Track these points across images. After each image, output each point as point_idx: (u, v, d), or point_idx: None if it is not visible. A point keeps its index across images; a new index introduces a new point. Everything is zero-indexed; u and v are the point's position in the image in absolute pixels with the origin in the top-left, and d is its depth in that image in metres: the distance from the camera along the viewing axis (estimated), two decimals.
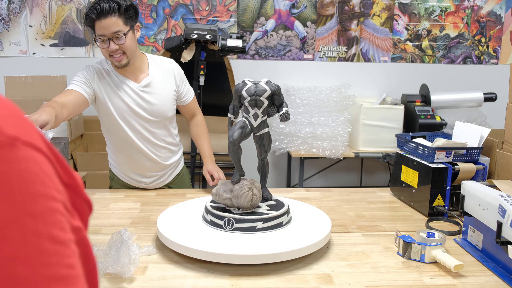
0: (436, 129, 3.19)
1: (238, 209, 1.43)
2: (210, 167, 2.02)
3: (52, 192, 0.40)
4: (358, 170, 4.07)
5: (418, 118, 3.30)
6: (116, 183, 2.10)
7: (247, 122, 1.47)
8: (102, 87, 1.85)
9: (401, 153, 1.92)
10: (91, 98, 1.83)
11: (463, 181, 1.49)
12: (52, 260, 0.38)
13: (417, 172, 1.78)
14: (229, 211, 1.42)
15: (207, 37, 2.84)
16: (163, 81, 1.94)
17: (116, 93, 1.86)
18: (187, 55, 2.86)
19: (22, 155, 0.38)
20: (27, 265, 0.36)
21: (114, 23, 1.72)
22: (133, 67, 1.87)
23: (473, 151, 1.78)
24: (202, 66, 2.84)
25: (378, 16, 3.86)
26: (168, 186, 2.11)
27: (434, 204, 1.71)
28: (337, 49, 3.87)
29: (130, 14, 1.77)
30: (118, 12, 1.72)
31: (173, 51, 3.08)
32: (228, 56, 3.31)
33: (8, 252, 0.36)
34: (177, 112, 2.06)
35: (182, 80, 2.01)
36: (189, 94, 2.06)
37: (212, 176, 2.00)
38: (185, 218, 1.49)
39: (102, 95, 1.85)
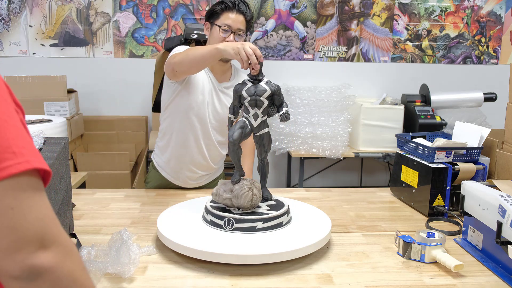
0: (436, 129, 3.19)
1: (238, 209, 1.43)
2: None
3: (2, 85, 0.65)
4: (358, 170, 4.07)
5: (418, 118, 3.30)
6: (152, 179, 2.09)
7: (247, 122, 1.47)
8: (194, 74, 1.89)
9: (401, 153, 1.92)
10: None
11: (463, 181, 1.49)
12: (3, 107, 0.62)
13: (417, 172, 1.78)
14: (229, 211, 1.42)
15: (207, 37, 2.83)
16: None
17: (200, 82, 1.91)
18: None
19: None
20: (6, 120, 0.62)
21: (242, 21, 1.87)
22: (224, 68, 1.96)
23: (473, 151, 1.78)
24: None
25: (378, 16, 3.86)
26: (204, 187, 2.12)
27: (434, 204, 1.71)
28: (337, 49, 3.87)
29: (250, 24, 1.93)
30: (246, 16, 1.88)
31: None
32: None
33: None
34: None
35: None
36: None
37: None
38: (185, 218, 1.49)
39: (191, 79, 1.89)
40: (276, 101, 1.47)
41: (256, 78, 1.46)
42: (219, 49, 1.60)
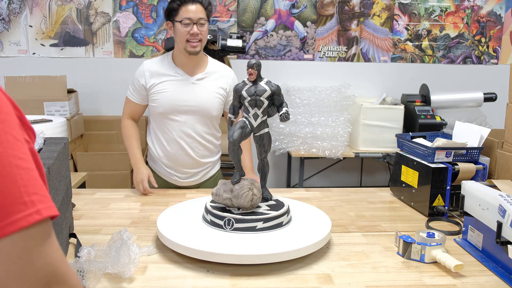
0: (436, 129, 3.19)
1: (238, 209, 1.43)
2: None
3: (11, 111, 0.62)
4: (358, 170, 4.07)
5: (418, 118, 3.30)
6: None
7: (247, 122, 1.47)
8: (158, 80, 2.00)
9: (401, 153, 1.92)
10: (145, 100, 2.05)
11: (463, 181, 1.49)
12: (14, 146, 0.60)
13: (417, 172, 1.78)
14: (229, 211, 1.42)
15: (207, 37, 2.83)
16: (216, 81, 2.05)
17: (170, 83, 2.00)
18: None
19: None
20: (18, 165, 0.59)
21: (200, 10, 1.93)
22: (196, 61, 2.01)
23: (473, 151, 1.78)
24: None
25: (378, 16, 3.86)
26: (200, 186, 2.14)
27: (434, 204, 1.71)
28: (337, 49, 3.87)
29: (209, 11, 1.98)
30: (203, 4, 1.94)
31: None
32: (228, 56, 3.31)
33: None
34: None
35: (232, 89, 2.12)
36: None
37: None
38: (185, 218, 1.49)
39: (157, 86, 2.00)
40: (276, 101, 1.47)
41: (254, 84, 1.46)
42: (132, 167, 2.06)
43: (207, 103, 2.01)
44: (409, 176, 1.83)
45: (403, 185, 1.88)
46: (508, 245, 1.21)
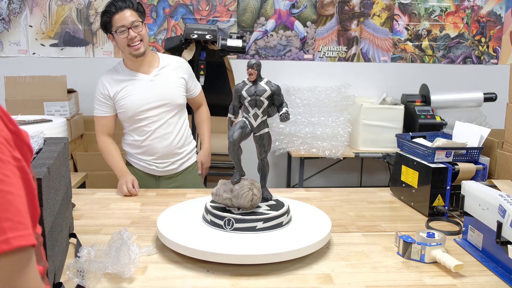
0: (436, 129, 3.19)
1: (238, 209, 1.43)
2: (200, 157, 2.35)
3: (8, 154, 0.58)
4: (358, 170, 4.07)
5: (418, 118, 3.30)
6: (132, 173, 2.17)
7: (247, 122, 1.47)
8: (118, 87, 2.10)
9: (401, 153, 1.92)
10: (113, 109, 2.14)
11: (463, 181, 1.49)
12: None
13: (417, 172, 1.78)
14: (229, 211, 1.42)
15: (207, 37, 2.84)
16: (172, 72, 2.17)
17: (131, 87, 2.09)
18: (187, 55, 2.86)
19: None
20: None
21: (131, 14, 2.01)
22: (147, 60, 2.11)
23: (473, 151, 1.78)
24: (202, 66, 2.84)
25: (378, 16, 3.86)
26: (178, 175, 2.24)
27: (434, 204, 1.71)
28: (337, 49, 3.87)
29: (141, 10, 2.06)
30: (132, 7, 2.01)
31: (173, 51, 3.08)
32: (228, 56, 3.31)
33: None
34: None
35: (191, 76, 2.26)
36: (196, 88, 2.31)
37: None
38: (185, 218, 1.49)
39: (120, 93, 2.09)
40: (276, 101, 1.47)
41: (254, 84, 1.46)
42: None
43: (170, 94, 2.13)
44: (409, 176, 1.83)
45: (403, 185, 1.88)
46: (508, 245, 1.21)
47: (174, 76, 2.16)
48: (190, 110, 2.48)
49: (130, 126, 2.14)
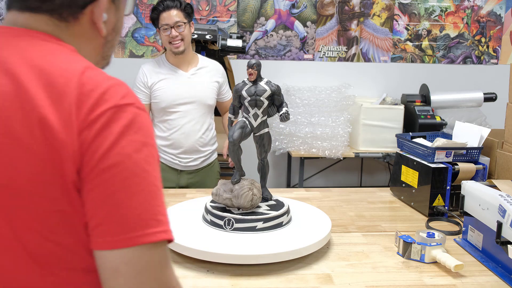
0: (436, 129, 3.19)
1: (238, 209, 1.43)
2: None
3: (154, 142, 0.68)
4: (358, 170, 4.06)
5: (418, 118, 3.29)
6: None
7: (247, 122, 1.47)
8: (156, 78, 2.22)
9: (401, 153, 1.92)
10: (149, 98, 2.25)
11: (463, 181, 1.49)
12: (156, 168, 0.67)
13: (417, 172, 1.78)
14: (229, 211, 1.42)
15: (207, 37, 2.84)
16: (209, 73, 2.29)
17: (169, 81, 2.22)
18: None
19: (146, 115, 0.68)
20: (158, 187, 0.66)
21: (176, 14, 2.14)
22: (187, 58, 2.24)
23: (473, 151, 1.78)
24: None
25: (378, 16, 3.86)
26: (199, 171, 2.32)
27: (434, 204, 1.71)
28: (337, 49, 3.87)
29: (188, 11, 2.19)
30: (179, 7, 2.15)
31: None
32: (228, 56, 3.31)
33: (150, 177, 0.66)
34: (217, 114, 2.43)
35: (225, 80, 2.38)
36: (228, 93, 2.40)
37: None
38: (185, 218, 1.49)
39: (157, 84, 2.21)
40: (276, 101, 1.47)
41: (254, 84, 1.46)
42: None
43: (203, 94, 2.24)
44: (409, 176, 1.83)
45: (403, 185, 1.88)
46: (508, 245, 1.21)
47: (210, 78, 2.28)
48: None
49: (161, 117, 2.24)
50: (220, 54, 2.95)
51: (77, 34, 0.72)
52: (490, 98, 3.45)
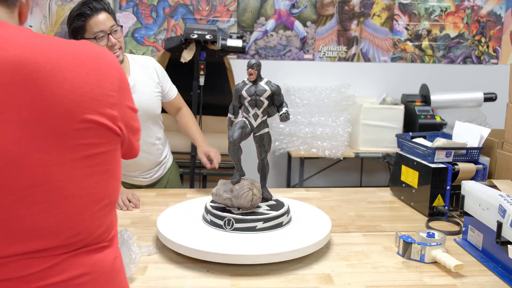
0: (436, 129, 3.19)
1: (238, 209, 1.43)
2: (206, 148, 2.02)
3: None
4: (358, 170, 4.06)
5: (418, 118, 3.30)
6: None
7: (247, 122, 1.47)
8: None
9: (401, 153, 1.92)
10: None
11: (463, 181, 1.49)
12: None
13: (417, 172, 1.78)
14: (229, 211, 1.42)
15: (207, 37, 2.84)
16: (146, 80, 1.96)
17: None
18: (187, 55, 2.86)
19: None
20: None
21: (108, 18, 1.75)
22: (125, 69, 1.89)
23: (473, 151, 1.78)
24: (202, 66, 2.84)
25: (378, 16, 3.86)
26: (159, 181, 2.14)
27: (434, 204, 1.71)
28: (337, 49, 3.87)
29: (114, 14, 1.82)
30: (108, 10, 1.76)
31: (173, 51, 3.08)
32: (228, 56, 3.31)
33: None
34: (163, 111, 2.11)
35: (164, 77, 2.05)
36: (172, 90, 2.09)
37: (209, 158, 1.99)
38: (185, 218, 1.49)
39: None
40: (276, 101, 1.47)
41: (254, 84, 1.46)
42: None
43: (148, 105, 1.94)
44: (409, 176, 1.83)
45: (403, 185, 1.88)
46: (508, 245, 1.21)
47: (148, 85, 1.96)
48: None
49: None
50: (220, 54, 2.95)
51: (15, 19, 0.87)
52: (490, 98, 3.45)
